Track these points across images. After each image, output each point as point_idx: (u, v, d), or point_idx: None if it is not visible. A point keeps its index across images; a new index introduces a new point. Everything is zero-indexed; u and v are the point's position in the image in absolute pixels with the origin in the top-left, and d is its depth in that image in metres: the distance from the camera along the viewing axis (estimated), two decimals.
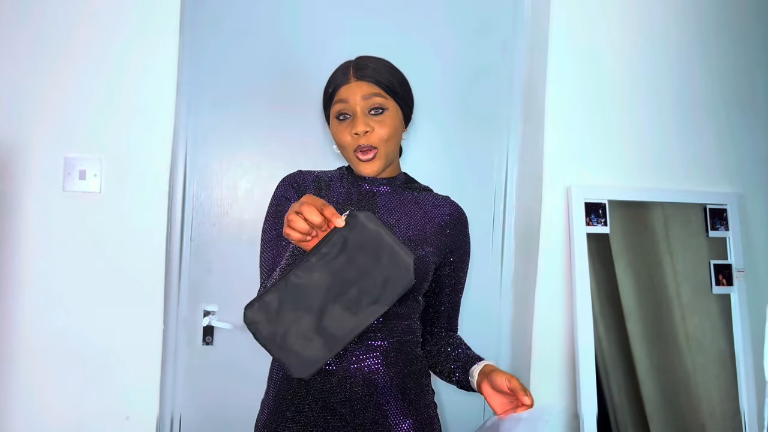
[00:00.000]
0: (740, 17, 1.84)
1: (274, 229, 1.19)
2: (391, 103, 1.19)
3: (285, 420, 1.15)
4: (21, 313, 1.55)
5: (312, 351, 0.96)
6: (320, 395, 1.14)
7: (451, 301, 1.31)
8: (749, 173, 1.86)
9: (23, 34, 1.54)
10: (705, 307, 1.77)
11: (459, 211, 1.30)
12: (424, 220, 1.24)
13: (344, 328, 0.96)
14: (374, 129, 1.16)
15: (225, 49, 1.70)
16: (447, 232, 1.26)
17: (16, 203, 1.54)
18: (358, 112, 1.16)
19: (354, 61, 1.22)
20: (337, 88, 1.19)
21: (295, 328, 0.95)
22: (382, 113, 1.18)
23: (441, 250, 1.24)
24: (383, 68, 1.21)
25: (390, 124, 1.18)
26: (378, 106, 1.17)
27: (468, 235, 1.31)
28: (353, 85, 1.18)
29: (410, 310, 1.20)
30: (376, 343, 1.15)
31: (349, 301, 0.96)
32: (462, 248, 1.29)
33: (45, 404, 1.57)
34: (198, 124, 1.70)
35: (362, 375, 1.14)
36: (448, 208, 1.29)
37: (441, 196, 1.31)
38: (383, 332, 1.16)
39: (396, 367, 1.17)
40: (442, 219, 1.26)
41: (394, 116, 1.19)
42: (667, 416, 1.70)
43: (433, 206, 1.27)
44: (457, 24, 1.81)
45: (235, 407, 1.70)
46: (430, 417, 1.21)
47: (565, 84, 1.73)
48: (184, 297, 1.70)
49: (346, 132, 1.17)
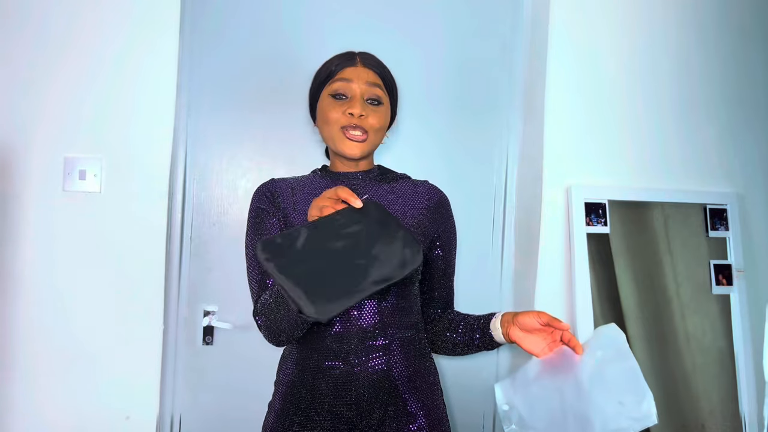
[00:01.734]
0: (740, 17, 1.84)
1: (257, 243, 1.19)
2: (386, 99, 1.22)
3: (292, 423, 1.15)
4: (21, 312, 1.55)
5: (332, 294, 0.94)
6: (326, 399, 1.13)
7: (444, 285, 1.30)
8: (749, 173, 1.86)
9: (23, 35, 1.54)
10: (705, 307, 1.77)
11: (439, 194, 1.28)
12: (404, 208, 1.22)
13: (357, 284, 0.95)
14: (369, 116, 1.17)
15: (225, 49, 1.70)
16: (429, 216, 1.24)
17: (16, 203, 1.54)
18: (357, 95, 1.17)
19: (357, 51, 1.23)
20: (341, 68, 1.18)
21: (311, 268, 0.94)
22: (379, 105, 1.19)
23: (426, 235, 1.23)
24: (384, 66, 1.24)
25: (383, 116, 1.20)
26: (377, 97, 1.19)
27: (451, 216, 1.29)
28: (360, 69, 1.19)
29: (408, 302, 1.19)
30: (378, 343, 1.14)
31: (361, 266, 0.96)
32: (447, 230, 1.28)
33: (45, 404, 1.57)
34: (198, 124, 1.70)
35: (367, 376, 1.13)
36: (427, 192, 1.27)
37: (419, 182, 1.29)
38: (384, 331, 1.15)
39: (401, 366, 1.16)
40: (422, 204, 1.25)
41: (386, 112, 1.22)
42: (667, 416, 1.70)
43: (411, 193, 1.26)
44: (457, 24, 1.81)
45: (235, 407, 1.70)
46: (439, 418, 1.19)
47: (565, 84, 1.73)
48: (184, 297, 1.70)
49: (338, 109, 1.17)
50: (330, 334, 1.13)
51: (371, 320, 1.14)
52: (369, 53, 1.24)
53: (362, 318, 1.14)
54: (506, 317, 1.15)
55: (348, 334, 1.13)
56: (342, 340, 1.13)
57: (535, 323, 1.10)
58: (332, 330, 1.13)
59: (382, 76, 1.21)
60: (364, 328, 1.13)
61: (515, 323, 1.12)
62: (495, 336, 1.16)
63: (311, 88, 1.25)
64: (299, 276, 0.93)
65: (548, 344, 1.12)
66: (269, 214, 1.19)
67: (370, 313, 1.14)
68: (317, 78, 1.23)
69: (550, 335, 1.12)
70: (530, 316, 1.10)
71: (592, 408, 1.01)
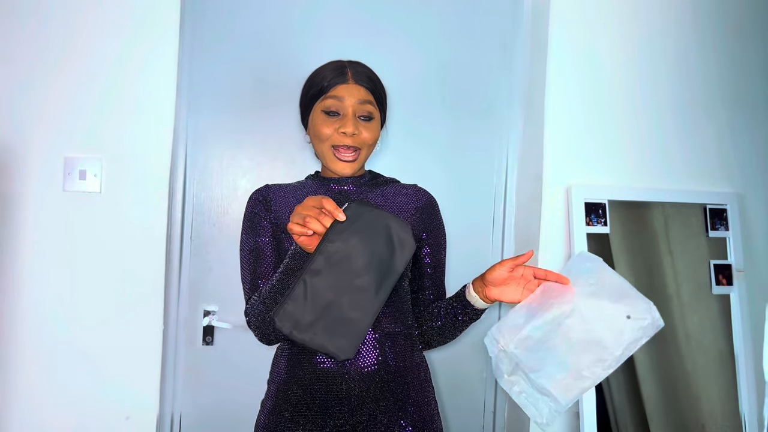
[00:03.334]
0: (739, 16, 1.84)
1: (250, 243, 1.22)
2: (377, 113, 1.24)
3: (284, 420, 1.16)
4: (21, 312, 1.55)
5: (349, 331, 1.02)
6: (318, 395, 1.14)
7: (434, 284, 1.31)
8: (749, 173, 1.86)
9: (23, 35, 1.54)
10: (705, 307, 1.77)
11: (426, 196, 1.31)
12: (392, 209, 1.25)
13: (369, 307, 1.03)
14: (361, 133, 1.19)
15: (225, 50, 1.70)
16: (417, 215, 1.27)
17: (17, 203, 1.54)
18: (350, 114, 1.19)
19: (347, 62, 1.23)
20: (333, 85, 1.19)
21: (322, 322, 1.01)
22: (370, 121, 1.21)
23: (414, 234, 1.25)
24: (375, 77, 1.25)
25: (375, 130, 1.22)
26: (369, 113, 1.21)
27: (439, 217, 1.32)
28: (351, 87, 1.19)
29: (398, 298, 1.21)
30: (368, 337, 1.16)
31: (366, 283, 1.02)
32: (436, 229, 1.30)
33: (45, 404, 1.57)
34: (198, 124, 1.70)
35: (357, 371, 1.15)
36: (415, 194, 1.30)
37: (408, 185, 1.32)
38: (374, 326, 1.16)
39: (392, 361, 1.17)
40: (410, 205, 1.28)
41: (377, 125, 1.24)
42: (667, 416, 1.70)
43: (399, 195, 1.28)
44: (457, 24, 1.81)
45: (235, 407, 1.70)
46: (430, 415, 1.20)
47: (565, 84, 1.73)
48: (184, 297, 1.70)
49: (331, 126, 1.19)
50: None
51: None
52: (359, 64, 1.24)
53: None
54: (477, 283, 1.18)
55: None
56: None
57: (503, 273, 1.13)
58: None
59: (372, 91, 1.22)
60: None
61: (487, 284, 1.15)
62: (476, 304, 1.18)
63: (302, 98, 1.26)
64: (317, 331, 1.01)
65: (525, 287, 1.15)
66: (261, 218, 1.22)
67: None
68: (308, 90, 1.24)
69: (522, 278, 1.15)
70: (495, 269, 1.14)
71: (601, 331, 1.04)
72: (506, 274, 1.13)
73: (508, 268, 1.13)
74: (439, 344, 1.29)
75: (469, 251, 1.79)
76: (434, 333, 1.26)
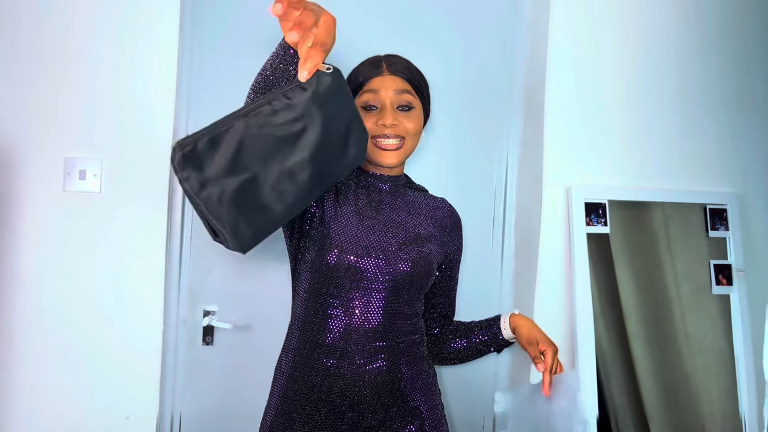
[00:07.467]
0: (740, 17, 1.84)
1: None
2: (417, 102, 1.20)
3: (292, 422, 1.15)
4: (21, 312, 1.55)
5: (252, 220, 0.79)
6: (328, 398, 1.13)
7: (447, 299, 1.35)
8: (749, 173, 1.86)
9: (23, 34, 1.54)
10: (705, 307, 1.77)
11: (456, 214, 1.34)
12: (429, 219, 1.26)
13: (293, 203, 0.81)
14: (402, 123, 1.17)
15: (225, 49, 1.70)
16: (448, 233, 1.29)
17: (16, 203, 1.54)
18: (387, 105, 1.16)
19: (383, 56, 1.23)
20: (368, 79, 1.18)
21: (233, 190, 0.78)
22: (410, 110, 1.18)
23: (443, 250, 1.27)
24: (413, 67, 1.23)
25: (416, 119, 1.19)
26: (407, 104, 1.18)
27: (462, 237, 1.35)
28: (387, 78, 1.18)
29: (415, 309, 1.21)
30: (383, 344, 1.15)
31: (301, 169, 0.81)
32: (458, 250, 1.34)
33: (44, 404, 1.57)
34: (198, 123, 1.70)
35: (370, 377, 1.14)
36: (447, 210, 1.32)
37: (438, 198, 1.34)
38: (389, 333, 1.16)
39: (404, 367, 1.17)
40: (444, 221, 1.29)
41: (419, 115, 1.21)
42: (667, 416, 1.70)
43: (433, 207, 1.29)
44: (456, 24, 1.81)
45: (235, 407, 1.70)
46: (438, 418, 1.21)
47: (565, 84, 1.73)
48: (184, 297, 1.70)
49: (370, 120, 1.16)
50: (335, 333, 1.14)
51: (377, 322, 1.15)
52: (395, 56, 1.23)
53: (368, 320, 1.15)
54: (512, 322, 1.26)
55: (354, 334, 1.14)
56: (348, 339, 1.13)
57: (533, 350, 1.20)
58: (337, 328, 1.14)
59: (410, 80, 1.20)
60: (369, 329, 1.14)
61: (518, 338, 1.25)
62: (506, 336, 1.27)
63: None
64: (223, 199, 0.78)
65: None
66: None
67: (376, 315, 1.15)
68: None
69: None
70: (531, 344, 1.21)
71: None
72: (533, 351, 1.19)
73: (537, 359, 1.17)
74: (453, 362, 1.35)
75: (468, 251, 1.79)
76: (454, 352, 1.32)
